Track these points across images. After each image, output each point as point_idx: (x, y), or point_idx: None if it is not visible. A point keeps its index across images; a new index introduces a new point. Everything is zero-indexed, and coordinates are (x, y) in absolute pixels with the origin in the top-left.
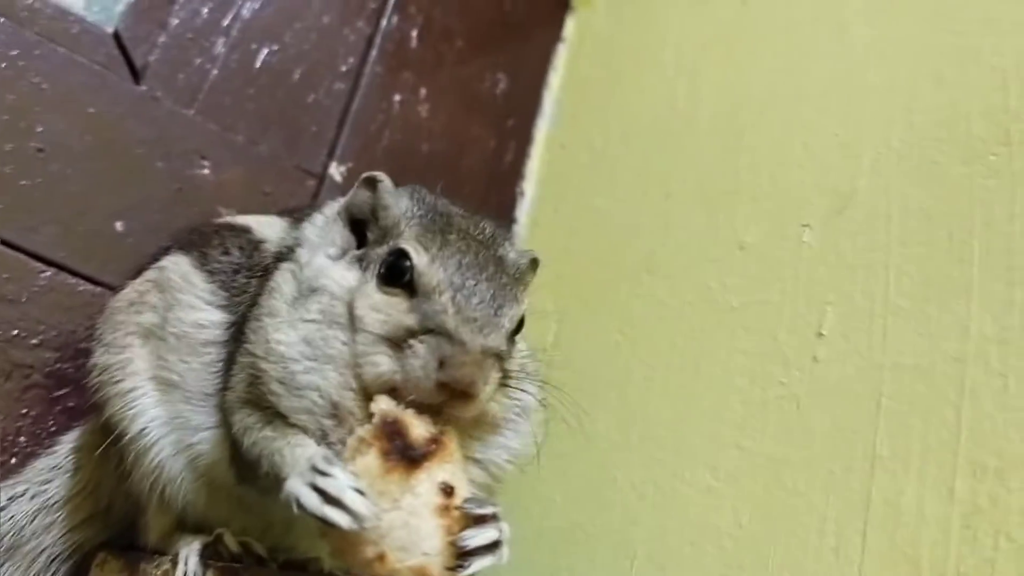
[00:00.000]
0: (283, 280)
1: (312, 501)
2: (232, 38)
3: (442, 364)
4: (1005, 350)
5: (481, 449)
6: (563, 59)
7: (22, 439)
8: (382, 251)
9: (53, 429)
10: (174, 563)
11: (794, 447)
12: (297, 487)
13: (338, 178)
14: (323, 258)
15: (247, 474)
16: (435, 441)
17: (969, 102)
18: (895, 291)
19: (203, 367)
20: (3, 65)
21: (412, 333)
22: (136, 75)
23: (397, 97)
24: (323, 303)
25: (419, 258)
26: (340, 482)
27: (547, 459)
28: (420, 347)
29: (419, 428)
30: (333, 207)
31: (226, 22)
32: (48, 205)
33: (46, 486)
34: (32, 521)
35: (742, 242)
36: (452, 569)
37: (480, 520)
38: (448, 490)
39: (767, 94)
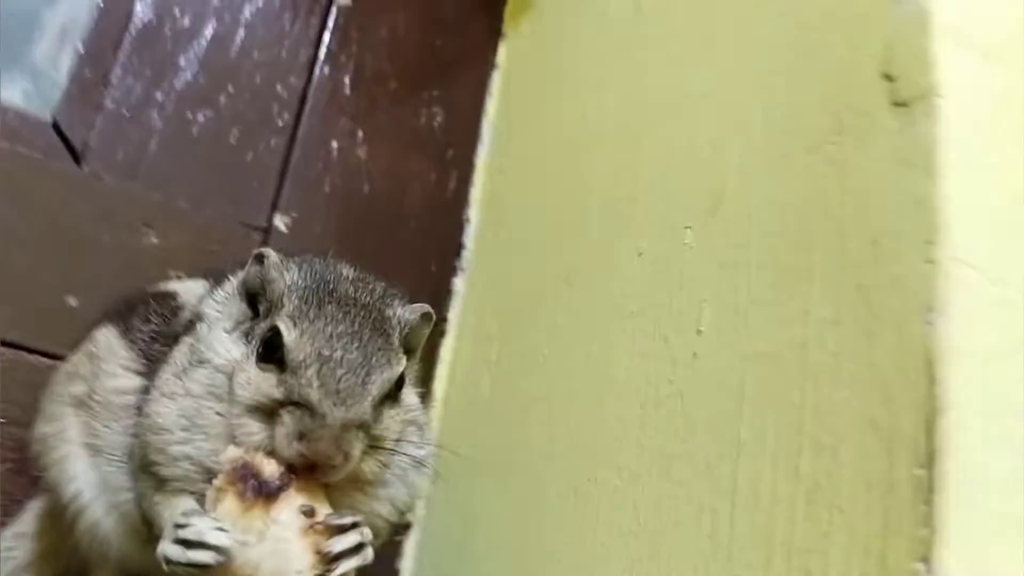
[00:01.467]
0: (179, 353)
1: (176, 552)
2: (167, 109)
3: (302, 436)
4: (839, 331)
5: (365, 502)
6: (497, 86)
7: None
8: (263, 327)
9: (20, 499)
10: None
11: (680, 441)
12: (163, 547)
13: (283, 229)
14: (219, 331)
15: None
16: (286, 474)
17: (811, 94)
18: (756, 284)
19: (123, 431)
20: None
21: (282, 404)
22: (77, 158)
23: (335, 144)
24: (206, 376)
25: (289, 335)
26: (199, 527)
27: (484, 478)
28: (286, 417)
29: (270, 466)
30: (233, 282)
31: (160, 96)
32: (1, 291)
33: (13, 552)
34: None
35: (639, 248)
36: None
37: (342, 529)
38: (309, 512)
39: (657, 102)
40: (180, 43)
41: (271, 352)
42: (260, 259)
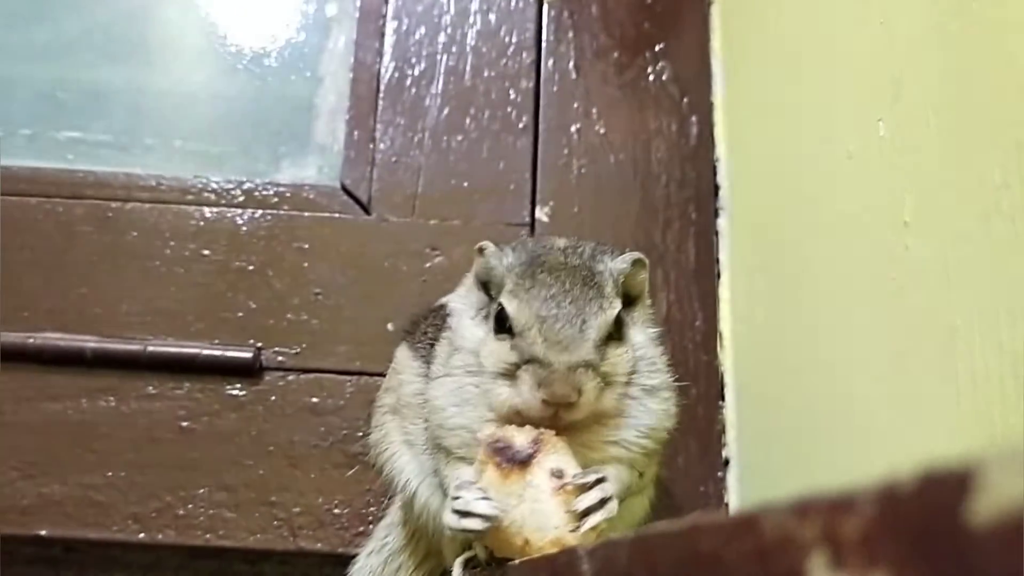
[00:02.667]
0: (440, 347)
1: (453, 520)
2: (426, 146)
3: (540, 385)
4: (1011, 195)
5: (613, 432)
6: (718, 18)
7: (372, 510)
8: (495, 307)
9: (387, 496)
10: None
11: (905, 338)
12: (444, 516)
13: (545, 219)
14: (464, 319)
15: None
16: (536, 441)
17: None
18: (940, 163)
19: (426, 425)
20: (276, 243)
21: (518, 366)
22: (366, 209)
23: (574, 129)
24: (462, 358)
25: (511, 307)
26: (467, 498)
27: (773, 406)
28: (524, 375)
29: (520, 436)
30: (469, 276)
31: (417, 137)
32: (338, 332)
33: (386, 539)
34: (383, 569)
35: (848, 150)
36: (575, 531)
37: (587, 487)
38: (558, 473)
39: None
40: (422, 86)
41: (503, 325)
42: (480, 251)
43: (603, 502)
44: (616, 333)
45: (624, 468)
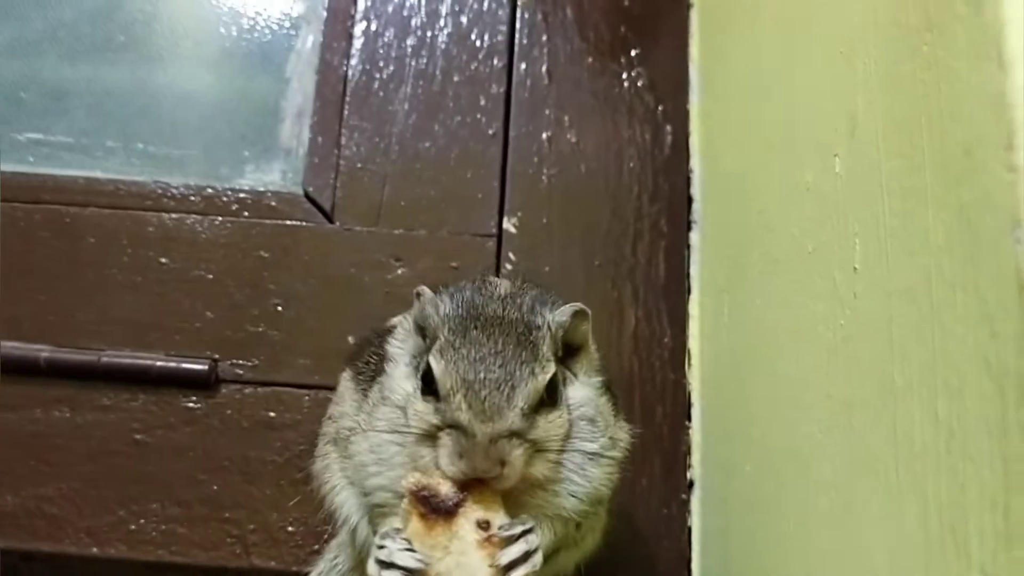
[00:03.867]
0: (373, 392)
1: (374, 571)
2: (392, 153)
3: (460, 456)
4: (951, 258)
5: (549, 497)
6: (697, 25)
7: (327, 527)
8: (423, 361)
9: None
10: None
11: (853, 388)
12: (368, 565)
13: (513, 230)
14: (399, 367)
15: None
16: (463, 489)
17: None
18: (889, 211)
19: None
20: (236, 251)
21: (440, 428)
22: (328, 217)
23: (544, 136)
24: (386, 413)
25: (437, 368)
26: (390, 548)
27: (735, 433)
28: (445, 439)
29: (446, 484)
30: (408, 318)
31: (383, 143)
32: (298, 345)
33: (336, 560)
34: None
35: (807, 182)
36: None
37: (512, 540)
38: (484, 525)
39: (809, 16)
40: (389, 90)
41: (429, 383)
42: (418, 296)
43: (527, 555)
44: (549, 397)
45: (559, 523)
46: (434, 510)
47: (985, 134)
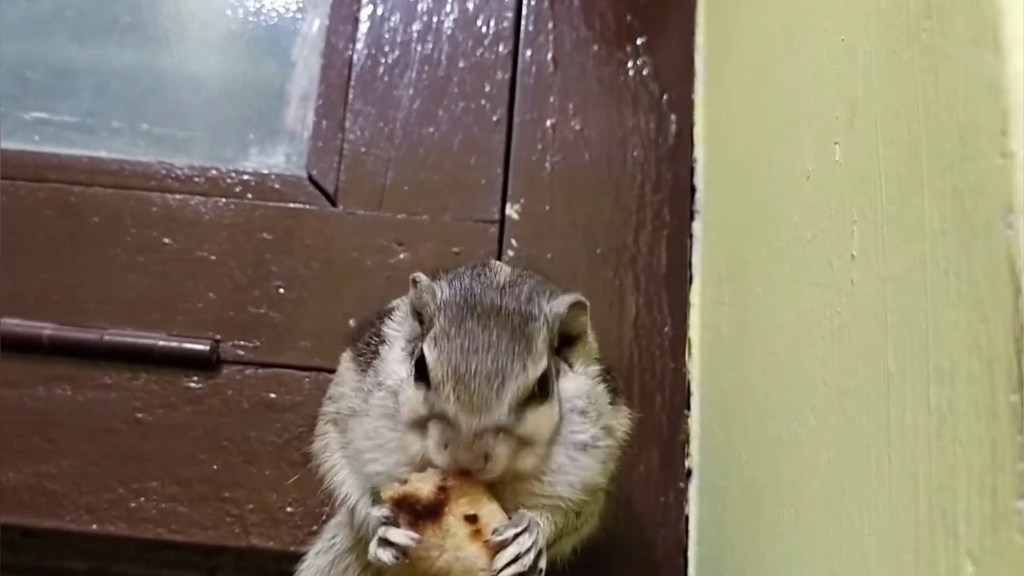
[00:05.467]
0: (370, 376)
1: (372, 548)
2: (396, 138)
3: (445, 447)
4: (945, 243)
5: (543, 488)
6: (702, 14)
7: (325, 508)
8: (418, 347)
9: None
10: None
11: (849, 375)
12: (371, 547)
13: (516, 217)
14: (394, 351)
15: None
16: (442, 489)
17: None
18: (886, 198)
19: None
20: (238, 232)
21: (429, 418)
22: (332, 200)
23: (548, 123)
24: (380, 398)
25: (431, 356)
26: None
27: (733, 421)
28: (432, 429)
29: (426, 486)
30: (406, 302)
31: (387, 128)
32: (299, 327)
33: (334, 540)
34: (330, 569)
35: (807, 170)
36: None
37: (504, 544)
38: (471, 518)
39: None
40: (394, 75)
41: (422, 371)
42: (415, 283)
43: (518, 557)
44: (540, 391)
45: (559, 513)
46: (418, 515)
47: (980, 120)
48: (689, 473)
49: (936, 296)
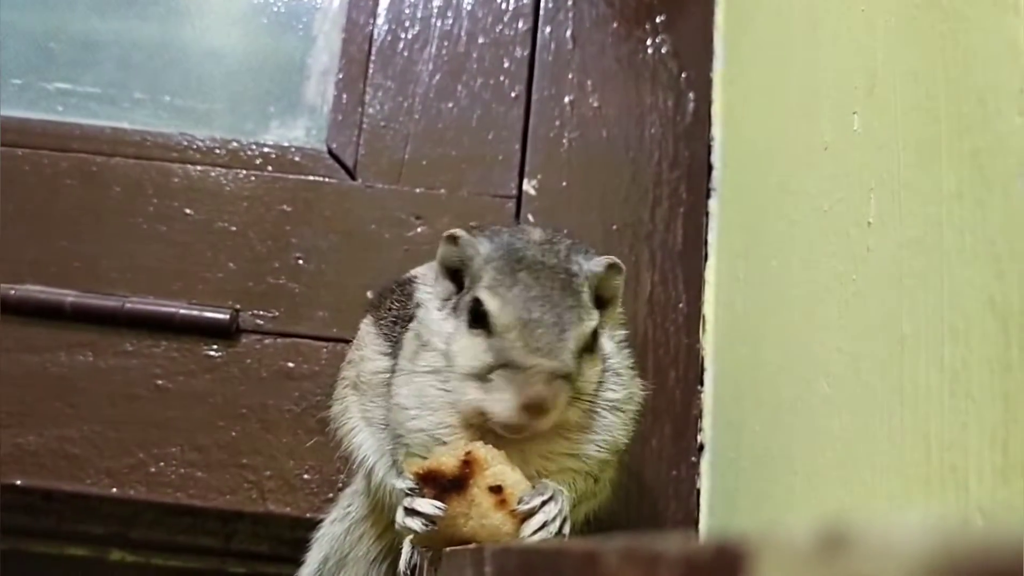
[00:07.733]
0: (407, 339)
1: (399, 517)
2: (415, 113)
3: (519, 389)
4: (962, 205)
5: (574, 446)
6: None
7: (341, 476)
8: (467, 299)
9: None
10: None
11: (864, 341)
12: (397, 515)
13: (533, 192)
14: (432, 312)
15: None
16: (466, 462)
17: None
18: (903, 164)
19: (385, 405)
20: (259, 204)
21: (492, 368)
22: (351, 174)
23: (567, 100)
24: (428, 357)
25: (492, 304)
26: (417, 500)
27: (746, 395)
28: (499, 380)
29: (449, 462)
30: (433, 265)
31: (406, 102)
32: (318, 298)
33: (349, 508)
34: (346, 537)
35: (824, 142)
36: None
37: (531, 512)
38: (496, 489)
39: None
40: (414, 50)
41: (477, 320)
42: (453, 239)
43: (544, 525)
44: (591, 345)
45: (580, 478)
46: (444, 488)
47: (999, 81)
48: (701, 447)
49: (951, 257)
